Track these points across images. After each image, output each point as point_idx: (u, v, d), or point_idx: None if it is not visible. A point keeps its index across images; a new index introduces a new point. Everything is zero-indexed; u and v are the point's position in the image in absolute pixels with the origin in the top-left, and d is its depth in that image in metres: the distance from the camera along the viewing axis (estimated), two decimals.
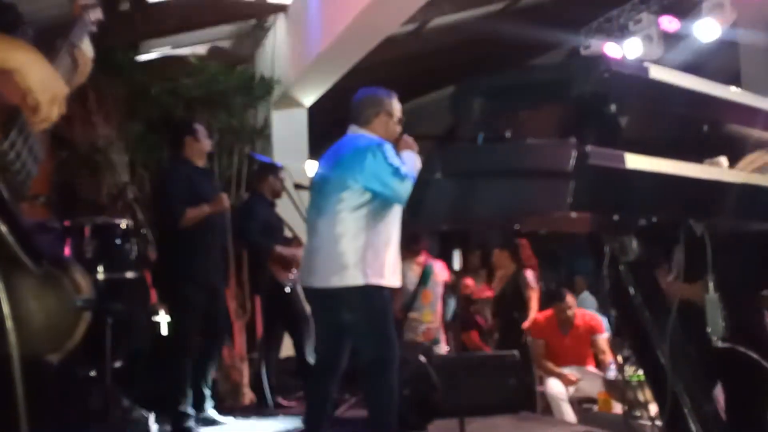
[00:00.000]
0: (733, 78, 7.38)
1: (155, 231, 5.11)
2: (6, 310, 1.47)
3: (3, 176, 1.55)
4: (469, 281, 8.10)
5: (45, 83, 1.58)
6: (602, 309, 6.49)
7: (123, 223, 5.01)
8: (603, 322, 6.24)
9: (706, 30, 7.31)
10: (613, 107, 1.60)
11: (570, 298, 6.42)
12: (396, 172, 3.60)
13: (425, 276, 6.37)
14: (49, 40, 1.85)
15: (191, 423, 4.87)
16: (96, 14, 2.12)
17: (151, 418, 4.67)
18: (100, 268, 4.82)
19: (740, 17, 7.25)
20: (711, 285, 1.84)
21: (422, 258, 6.56)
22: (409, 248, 6.13)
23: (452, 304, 7.46)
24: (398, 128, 3.94)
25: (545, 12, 8.73)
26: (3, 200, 1.54)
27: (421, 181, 1.65)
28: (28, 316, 1.66)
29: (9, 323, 1.46)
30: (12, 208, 1.56)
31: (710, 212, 1.71)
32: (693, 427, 1.81)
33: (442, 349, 6.66)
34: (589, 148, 1.42)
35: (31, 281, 1.66)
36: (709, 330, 1.85)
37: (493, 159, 1.58)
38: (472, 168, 1.59)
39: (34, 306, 1.71)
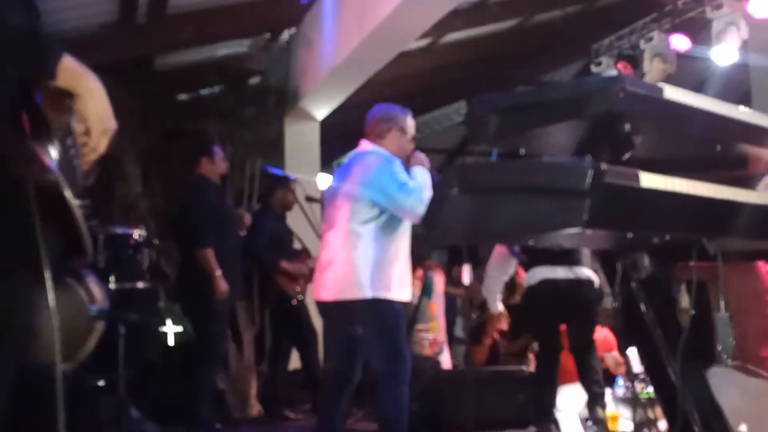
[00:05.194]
0: (743, 97, 7.39)
1: (179, 246, 5.19)
2: (55, 322, 1.49)
3: (68, 166, 1.59)
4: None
5: (101, 116, 1.62)
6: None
7: (135, 234, 5.06)
8: (612, 339, 6.22)
9: (721, 54, 7.32)
10: (627, 126, 1.62)
11: None
12: (402, 187, 3.62)
13: (427, 288, 6.37)
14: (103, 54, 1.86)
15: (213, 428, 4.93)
16: None
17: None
18: (112, 278, 4.86)
19: (751, 37, 7.26)
20: (722, 304, 1.85)
21: (420, 272, 6.57)
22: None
23: (458, 320, 7.47)
24: (411, 145, 3.96)
25: (556, 29, 8.76)
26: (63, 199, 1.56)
27: (438, 197, 1.68)
28: (42, 325, 1.67)
29: (57, 334, 1.48)
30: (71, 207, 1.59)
31: (723, 232, 1.72)
32: None
33: (446, 361, 6.67)
34: (604, 166, 1.44)
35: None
36: (719, 348, 1.87)
37: (509, 176, 1.60)
38: (488, 185, 1.62)
39: (48, 315, 1.72)
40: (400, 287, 3.75)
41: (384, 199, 3.66)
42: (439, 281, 6.68)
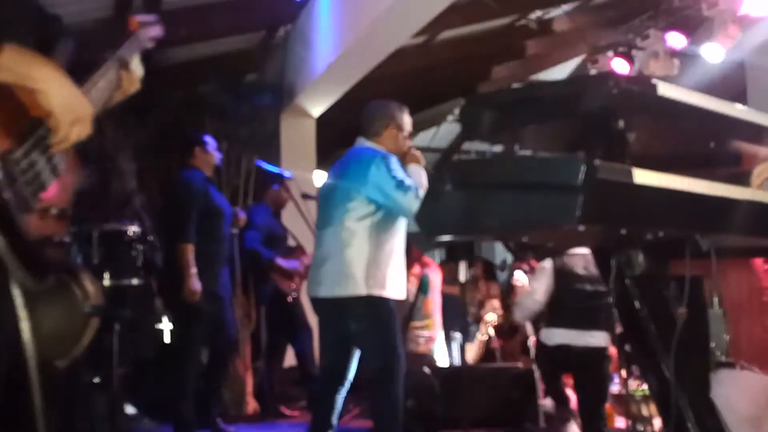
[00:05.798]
0: (739, 95, 7.40)
1: (164, 239, 5.13)
2: (24, 322, 1.48)
3: (11, 187, 1.52)
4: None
5: (66, 104, 1.55)
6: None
7: (130, 230, 5.04)
8: None
9: (716, 51, 7.32)
10: (621, 123, 1.62)
11: None
12: (399, 184, 3.62)
13: (423, 285, 6.38)
14: (97, 49, 1.82)
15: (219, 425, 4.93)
16: (155, 31, 2.05)
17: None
18: (107, 275, 4.84)
19: (746, 34, 7.26)
20: (716, 301, 1.85)
21: (417, 269, 6.57)
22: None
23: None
24: (408, 142, 3.96)
25: (553, 27, 8.76)
26: (7, 214, 1.51)
27: (432, 193, 1.67)
28: (36, 322, 1.66)
29: (27, 334, 1.46)
30: (17, 221, 1.53)
31: (716, 228, 1.72)
32: None
33: (442, 358, 6.68)
34: (597, 162, 1.44)
35: (39, 289, 1.64)
36: (713, 345, 1.87)
37: (503, 172, 1.60)
38: (482, 180, 1.62)
39: (42, 311, 1.71)
40: (395, 285, 3.75)
41: (380, 197, 3.66)
42: (435, 279, 6.69)
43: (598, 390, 4.64)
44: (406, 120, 3.96)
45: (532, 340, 6.37)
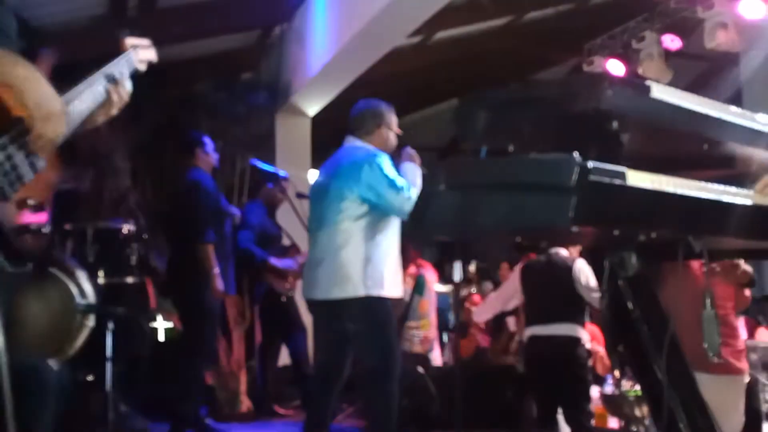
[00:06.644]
0: (734, 97, 7.42)
1: (173, 239, 5.15)
2: None
3: None
4: (476, 297, 8.08)
5: (40, 101, 1.61)
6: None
7: (125, 228, 5.04)
8: (600, 335, 6.23)
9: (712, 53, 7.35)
10: (615, 124, 1.63)
11: None
12: (392, 183, 3.62)
13: (419, 285, 6.38)
14: (92, 47, 1.89)
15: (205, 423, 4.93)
16: (148, 55, 2.17)
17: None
18: (101, 273, 4.84)
19: (741, 36, 7.28)
20: (708, 301, 1.86)
21: (413, 269, 6.58)
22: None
23: (450, 317, 7.47)
24: (396, 141, 3.98)
25: (549, 28, 8.77)
26: None
27: (426, 193, 1.68)
28: (31, 319, 1.67)
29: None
30: None
31: (709, 229, 1.73)
32: None
33: (437, 358, 6.68)
34: (591, 163, 1.44)
35: (33, 284, 1.67)
36: (705, 345, 1.87)
37: (497, 172, 1.60)
38: (475, 181, 1.62)
39: (37, 309, 1.72)
40: (392, 284, 3.75)
41: (373, 196, 3.65)
42: (431, 279, 6.69)
43: (576, 380, 4.69)
44: (394, 119, 3.98)
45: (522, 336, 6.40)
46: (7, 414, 1.52)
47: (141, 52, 2.17)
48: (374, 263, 3.67)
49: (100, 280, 4.79)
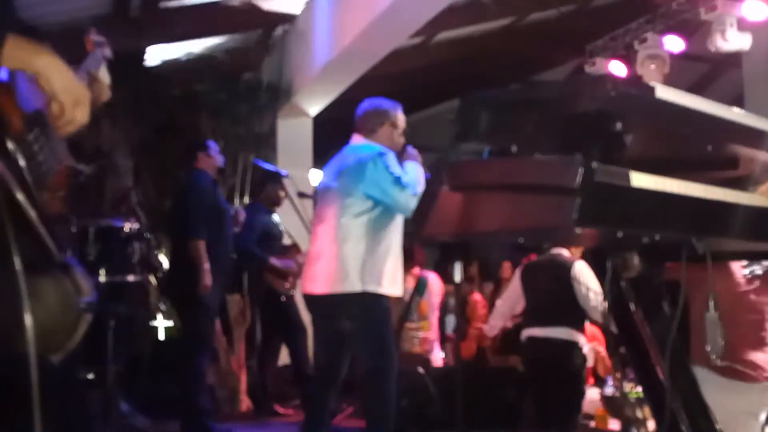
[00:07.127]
0: (736, 99, 7.42)
1: (172, 239, 5.16)
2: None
3: (28, 164, 1.63)
4: (477, 296, 8.09)
5: (68, 87, 1.64)
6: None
7: (126, 227, 5.05)
8: (600, 336, 6.23)
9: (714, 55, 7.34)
10: (618, 125, 1.62)
11: None
12: (397, 181, 3.62)
13: (420, 287, 6.38)
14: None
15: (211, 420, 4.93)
16: (106, 52, 2.35)
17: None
18: (103, 271, 4.84)
19: (743, 38, 7.27)
20: (711, 304, 1.85)
21: (416, 270, 6.58)
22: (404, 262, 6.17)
23: (451, 319, 7.48)
24: (402, 139, 3.97)
25: (551, 29, 8.77)
26: (29, 187, 1.60)
27: (428, 193, 1.67)
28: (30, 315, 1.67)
29: (28, 320, 1.49)
30: (35, 195, 1.63)
31: (713, 231, 1.72)
32: None
33: (437, 359, 6.69)
34: (595, 165, 1.43)
35: (36, 278, 1.68)
36: (708, 348, 1.87)
37: (500, 173, 1.60)
38: (478, 182, 1.61)
39: (36, 305, 1.72)
40: (391, 282, 3.74)
41: (378, 193, 3.65)
42: (434, 282, 6.68)
43: (569, 384, 4.69)
44: (400, 117, 3.98)
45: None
46: (33, 406, 1.53)
47: (104, 49, 2.35)
48: (374, 260, 3.66)
49: (102, 279, 4.80)
